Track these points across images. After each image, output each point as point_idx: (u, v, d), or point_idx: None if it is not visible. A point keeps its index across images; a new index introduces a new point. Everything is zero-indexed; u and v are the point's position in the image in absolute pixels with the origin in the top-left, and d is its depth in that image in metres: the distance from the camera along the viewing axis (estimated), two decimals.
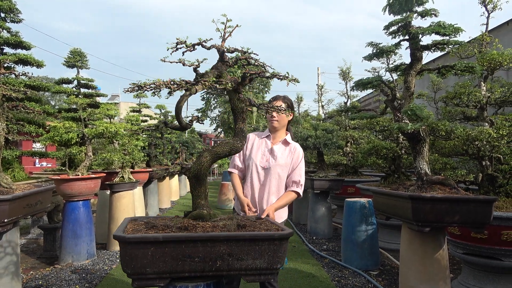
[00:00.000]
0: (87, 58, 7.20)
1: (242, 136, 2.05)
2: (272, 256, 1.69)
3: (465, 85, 4.09)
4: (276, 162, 2.77)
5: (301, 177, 2.81)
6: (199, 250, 1.62)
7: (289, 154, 2.82)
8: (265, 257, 1.69)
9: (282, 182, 2.80)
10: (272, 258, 1.70)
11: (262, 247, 1.68)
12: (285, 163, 2.79)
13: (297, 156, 2.83)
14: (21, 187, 3.42)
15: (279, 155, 2.80)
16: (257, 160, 2.82)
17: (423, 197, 2.84)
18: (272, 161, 2.78)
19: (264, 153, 2.83)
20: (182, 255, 1.61)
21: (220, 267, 1.65)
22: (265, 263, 1.69)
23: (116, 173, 5.86)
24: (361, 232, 4.67)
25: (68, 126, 5.01)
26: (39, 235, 6.29)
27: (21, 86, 5.27)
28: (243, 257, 1.66)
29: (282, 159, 2.79)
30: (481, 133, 3.38)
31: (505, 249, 3.20)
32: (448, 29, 3.19)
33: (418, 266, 3.07)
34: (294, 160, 2.82)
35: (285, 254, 1.74)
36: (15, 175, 5.47)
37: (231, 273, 1.69)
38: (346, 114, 7.78)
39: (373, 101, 11.66)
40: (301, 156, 2.85)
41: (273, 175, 2.76)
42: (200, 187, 1.98)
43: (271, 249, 1.68)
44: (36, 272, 4.51)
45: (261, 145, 2.87)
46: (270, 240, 1.69)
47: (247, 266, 1.68)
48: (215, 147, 2.02)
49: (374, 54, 3.70)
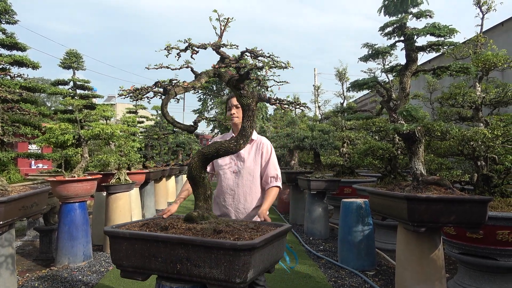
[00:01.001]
0: (83, 59, 7.17)
1: (242, 135, 1.96)
2: (228, 268, 1.53)
3: (460, 85, 4.11)
4: (245, 164, 2.72)
5: (277, 170, 2.76)
6: (161, 251, 1.68)
7: (256, 152, 2.76)
8: (222, 268, 1.55)
9: (255, 180, 2.74)
10: (228, 269, 1.53)
11: (217, 256, 1.55)
12: (254, 163, 2.74)
13: (266, 150, 2.76)
14: (17, 189, 3.41)
15: (246, 156, 2.74)
16: (225, 165, 2.76)
17: (419, 198, 2.85)
18: (240, 164, 2.73)
19: (231, 157, 2.74)
20: (148, 253, 1.70)
21: (181, 271, 1.63)
22: (222, 274, 1.54)
23: (113, 175, 5.84)
24: (358, 233, 4.68)
25: (64, 127, 5.00)
26: (35, 237, 6.26)
27: (17, 88, 5.26)
28: (200, 263, 1.59)
29: (249, 161, 2.73)
30: (476, 133, 3.40)
31: (500, 249, 3.22)
32: (443, 30, 3.21)
33: (414, 266, 3.08)
34: (264, 156, 2.75)
35: (246, 269, 1.52)
36: (10, 177, 5.44)
37: (194, 280, 1.61)
38: (342, 115, 7.80)
39: (369, 101, 11.69)
40: (270, 150, 2.78)
41: (245, 176, 2.72)
42: (198, 189, 1.98)
43: (226, 259, 1.54)
44: (32, 274, 4.49)
45: None
46: (223, 250, 1.54)
47: (205, 274, 1.58)
48: (203, 147, 2.02)
49: (370, 55, 3.72)
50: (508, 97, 3.95)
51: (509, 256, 3.24)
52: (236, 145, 1.95)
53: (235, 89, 1.96)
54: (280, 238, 1.86)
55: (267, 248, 1.69)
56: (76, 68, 7.08)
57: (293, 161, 9.05)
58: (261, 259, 1.63)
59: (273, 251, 1.78)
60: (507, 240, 3.17)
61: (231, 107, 2.77)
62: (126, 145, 6.10)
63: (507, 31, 9.42)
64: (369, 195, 3.72)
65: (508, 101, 4.00)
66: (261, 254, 1.62)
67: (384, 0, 3.49)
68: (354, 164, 7.06)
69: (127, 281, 4.29)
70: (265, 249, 1.66)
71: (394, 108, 3.54)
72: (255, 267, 1.56)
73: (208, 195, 2.00)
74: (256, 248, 1.54)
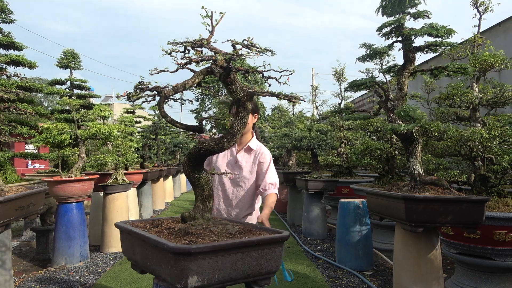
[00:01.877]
0: (80, 59, 7.15)
1: (229, 133, 1.84)
2: (170, 270, 1.42)
3: (457, 86, 4.12)
4: (242, 173, 2.72)
5: (275, 178, 2.75)
6: (137, 246, 1.74)
7: (254, 162, 2.75)
8: (167, 269, 1.46)
9: (249, 190, 2.75)
10: (170, 272, 1.43)
11: (164, 257, 1.48)
12: (250, 174, 2.73)
13: (264, 160, 2.75)
14: (13, 189, 3.39)
15: (244, 164, 2.74)
16: (222, 170, 2.74)
17: (416, 198, 2.85)
18: (237, 172, 2.73)
19: (230, 162, 2.76)
20: (133, 247, 1.78)
21: (149, 268, 1.65)
22: (168, 276, 1.45)
23: (110, 175, 5.82)
24: (355, 233, 4.68)
25: (61, 127, 4.98)
26: (31, 238, 6.24)
27: (13, 88, 5.23)
28: (156, 262, 1.55)
29: (246, 170, 2.73)
30: (474, 133, 3.41)
31: (497, 249, 3.23)
32: (440, 31, 3.22)
33: (411, 266, 3.09)
34: (263, 165, 2.74)
35: (185, 274, 1.38)
36: (7, 177, 5.42)
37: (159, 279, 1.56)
38: (340, 115, 7.80)
39: (367, 102, 11.71)
40: (268, 159, 2.77)
41: (240, 185, 2.72)
42: (195, 189, 1.98)
43: (169, 261, 1.44)
44: (29, 275, 4.47)
45: (227, 153, 2.78)
46: (165, 251, 1.45)
47: (160, 274, 1.53)
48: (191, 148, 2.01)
49: (368, 55, 3.73)
50: (505, 97, 3.96)
51: (506, 256, 3.25)
52: (219, 144, 1.83)
53: (225, 84, 1.84)
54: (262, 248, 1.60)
55: (232, 256, 1.51)
56: (73, 68, 7.05)
57: (291, 161, 9.05)
58: (217, 267, 1.47)
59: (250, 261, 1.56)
60: (504, 240, 3.18)
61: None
62: (124, 145, 6.09)
63: (505, 31, 9.46)
64: (367, 195, 3.73)
65: (505, 101, 4.01)
66: (216, 261, 1.46)
67: (382, 1, 3.50)
68: (351, 164, 7.07)
69: (124, 281, 4.28)
70: (224, 257, 1.49)
71: (391, 108, 3.55)
72: (201, 274, 1.42)
73: (206, 195, 1.95)
74: (195, 254, 1.39)
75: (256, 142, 2.82)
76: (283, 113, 12.84)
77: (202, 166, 1.95)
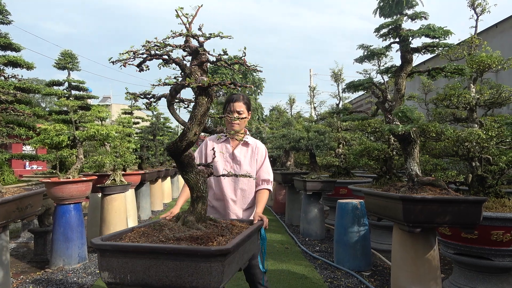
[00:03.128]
0: (78, 60, 7.12)
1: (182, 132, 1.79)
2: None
3: (455, 87, 4.14)
4: (241, 168, 2.71)
5: (269, 174, 2.77)
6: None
7: (252, 156, 2.76)
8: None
9: (251, 183, 2.74)
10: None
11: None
12: (250, 167, 2.73)
13: (261, 154, 2.78)
14: (11, 191, 3.38)
15: (242, 159, 2.73)
16: (220, 168, 2.71)
17: (414, 198, 2.86)
18: (236, 167, 2.71)
19: (227, 159, 2.74)
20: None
21: None
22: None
23: (108, 176, 5.82)
24: (353, 233, 4.69)
25: (59, 128, 4.97)
26: (29, 239, 6.22)
27: (11, 89, 5.22)
28: None
29: (245, 164, 2.72)
30: (471, 134, 3.43)
31: (495, 249, 3.24)
32: (437, 32, 3.23)
33: (409, 266, 3.09)
34: (259, 159, 2.76)
35: (100, 268, 1.55)
36: (4, 178, 5.41)
37: None
38: (338, 116, 7.82)
39: (364, 102, 11.74)
40: (264, 154, 2.80)
41: (241, 180, 2.70)
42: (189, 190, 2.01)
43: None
44: (27, 277, 4.46)
45: (222, 150, 2.76)
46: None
47: None
48: None
49: (365, 56, 3.73)
50: (502, 98, 3.98)
51: (503, 256, 3.26)
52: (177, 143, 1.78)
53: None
54: (181, 259, 1.47)
55: (144, 261, 1.50)
56: (71, 69, 7.03)
57: (289, 162, 9.06)
58: (128, 268, 1.51)
59: (166, 270, 1.48)
60: (502, 240, 3.19)
61: (233, 111, 2.69)
62: (122, 146, 6.08)
63: (501, 32, 9.50)
64: (365, 195, 3.73)
65: (502, 102, 4.03)
66: (126, 262, 1.51)
67: (379, 2, 3.51)
68: (349, 165, 7.09)
69: None
70: (134, 259, 1.50)
71: (389, 109, 3.56)
72: (112, 272, 1.52)
73: (194, 197, 1.90)
74: (103, 251, 1.54)
75: (251, 137, 2.85)
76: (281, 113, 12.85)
77: (188, 167, 1.89)
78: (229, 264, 1.54)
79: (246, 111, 2.75)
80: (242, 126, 2.78)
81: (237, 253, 1.65)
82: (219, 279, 1.44)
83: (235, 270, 1.69)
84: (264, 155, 2.80)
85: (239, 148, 2.77)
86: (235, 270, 1.69)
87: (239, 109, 2.71)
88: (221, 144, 2.80)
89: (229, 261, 1.52)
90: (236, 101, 2.72)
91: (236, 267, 1.70)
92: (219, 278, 1.44)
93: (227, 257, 1.48)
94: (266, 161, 2.79)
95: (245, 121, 2.78)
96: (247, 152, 2.77)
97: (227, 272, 1.51)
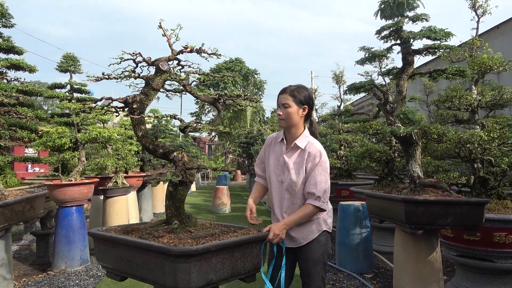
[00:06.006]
0: (80, 63, 7.16)
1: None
2: None
3: (456, 88, 4.13)
4: (289, 175, 2.33)
5: (315, 187, 2.26)
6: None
7: (301, 163, 2.32)
8: None
9: (297, 194, 2.35)
10: None
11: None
12: (297, 176, 2.31)
13: (312, 161, 2.29)
14: (13, 193, 3.40)
15: (291, 165, 2.33)
16: (271, 172, 2.43)
17: (416, 200, 2.86)
18: (286, 173, 2.35)
19: (279, 162, 2.40)
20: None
21: None
22: None
23: (110, 178, 5.82)
24: (355, 235, 4.68)
25: (61, 131, 4.98)
26: (31, 241, 6.23)
27: (13, 92, 5.23)
28: None
29: (293, 173, 2.32)
30: (473, 136, 3.42)
31: (497, 251, 3.23)
32: (439, 34, 3.24)
33: (411, 268, 3.09)
34: (309, 167, 2.30)
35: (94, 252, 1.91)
36: (7, 181, 5.42)
37: None
38: (339, 118, 7.82)
39: (366, 104, 11.73)
40: (317, 162, 2.28)
41: (286, 188, 2.36)
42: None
43: None
44: (29, 279, 4.46)
45: (277, 151, 2.44)
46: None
47: None
48: None
49: (367, 58, 3.74)
50: (504, 99, 3.98)
51: (506, 258, 3.25)
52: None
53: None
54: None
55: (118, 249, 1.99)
56: (73, 72, 7.06)
57: None
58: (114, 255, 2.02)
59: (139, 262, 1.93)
60: (504, 242, 3.18)
61: (279, 105, 2.39)
62: (123, 148, 6.09)
63: (502, 34, 9.49)
64: (367, 197, 3.73)
65: (504, 103, 4.02)
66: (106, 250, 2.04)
67: (380, 4, 3.51)
68: (351, 166, 7.08)
69: (125, 285, 4.27)
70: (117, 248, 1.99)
71: (391, 111, 3.56)
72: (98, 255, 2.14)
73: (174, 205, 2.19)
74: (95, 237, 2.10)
75: (306, 139, 2.36)
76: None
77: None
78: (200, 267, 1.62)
79: (294, 104, 2.31)
80: (290, 122, 2.34)
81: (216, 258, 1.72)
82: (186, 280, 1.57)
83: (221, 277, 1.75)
84: (316, 163, 2.28)
85: (291, 152, 2.37)
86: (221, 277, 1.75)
87: (284, 102, 2.33)
88: (279, 144, 2.45)
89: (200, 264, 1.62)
90: (281, 94, 2.37)
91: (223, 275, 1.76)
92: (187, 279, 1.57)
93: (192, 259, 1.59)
94: (316, 171, 2.28)
95: (292, 116, 2.32)
96: (297, 158, 2.34)
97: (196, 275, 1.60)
